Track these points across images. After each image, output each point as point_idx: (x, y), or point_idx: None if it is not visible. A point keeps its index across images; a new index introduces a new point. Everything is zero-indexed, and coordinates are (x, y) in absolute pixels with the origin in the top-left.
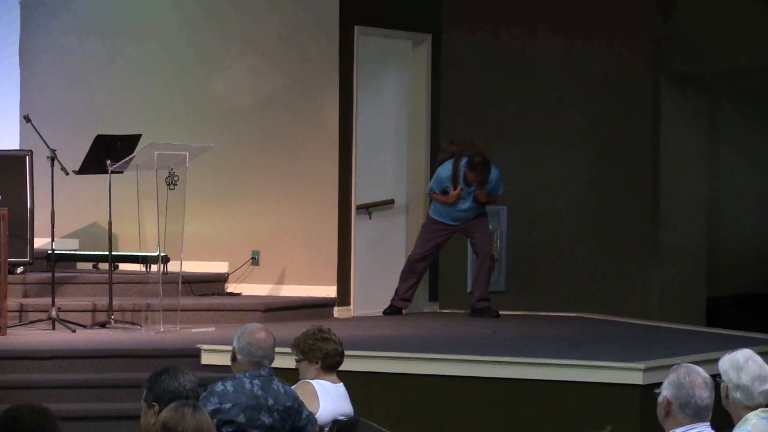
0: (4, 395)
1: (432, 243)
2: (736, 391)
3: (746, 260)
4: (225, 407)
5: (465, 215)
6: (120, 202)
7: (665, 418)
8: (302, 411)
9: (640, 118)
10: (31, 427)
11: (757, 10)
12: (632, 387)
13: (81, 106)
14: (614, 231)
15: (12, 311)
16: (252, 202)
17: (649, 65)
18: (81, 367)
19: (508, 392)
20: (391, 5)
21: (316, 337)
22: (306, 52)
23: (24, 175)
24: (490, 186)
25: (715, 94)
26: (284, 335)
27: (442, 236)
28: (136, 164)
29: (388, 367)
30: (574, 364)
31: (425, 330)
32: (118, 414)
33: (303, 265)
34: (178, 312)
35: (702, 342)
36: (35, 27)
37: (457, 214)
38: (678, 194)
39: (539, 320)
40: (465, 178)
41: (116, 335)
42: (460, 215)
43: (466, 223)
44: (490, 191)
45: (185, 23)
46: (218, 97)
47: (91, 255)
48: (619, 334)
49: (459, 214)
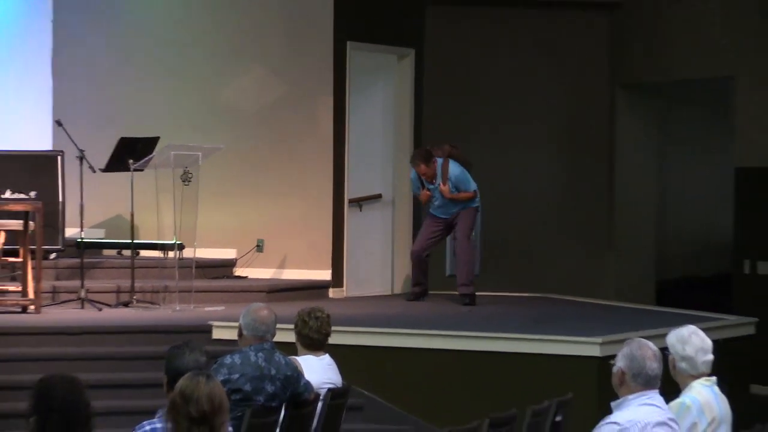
0: (39, 366)
1: (428, 235)
2: (682, 362)
3: (691, 247)
4: (233, 377)
5: (447, 209)
6: (141, 196)
7: (619, 386)
8: (300, 379)
9: (597, 124)
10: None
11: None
12: (590, 359)
13: (106, 111)
14: (575, 222)
15: (46, 292)
16: (257, 196)
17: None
18: (107, 342)
19: (480, 363)
20: (379, 23)
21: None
22: (304, 64)
23: (56, 172)
24: (452, 182)
25: (664, 102)
26: (285, 313)
27: (437, 228)
28: (155, 163)
29: (374, 340)
30: (539, 339)
31: (407, 309)
32: (140, 382)
33: (302, 251)
34: (192, 293)
35: (652, 319)
36: (65, 42)
37: (437, 209)
38: (631, 189)
39: (509, 300)
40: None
41: (138, 313)
42: (443, 209)
43: (454, 215)
44: (455, 187)
45: (199, 39)
46: (228, 104)
47: (115, 243)
48: (579, 312)
49: (439, 209)
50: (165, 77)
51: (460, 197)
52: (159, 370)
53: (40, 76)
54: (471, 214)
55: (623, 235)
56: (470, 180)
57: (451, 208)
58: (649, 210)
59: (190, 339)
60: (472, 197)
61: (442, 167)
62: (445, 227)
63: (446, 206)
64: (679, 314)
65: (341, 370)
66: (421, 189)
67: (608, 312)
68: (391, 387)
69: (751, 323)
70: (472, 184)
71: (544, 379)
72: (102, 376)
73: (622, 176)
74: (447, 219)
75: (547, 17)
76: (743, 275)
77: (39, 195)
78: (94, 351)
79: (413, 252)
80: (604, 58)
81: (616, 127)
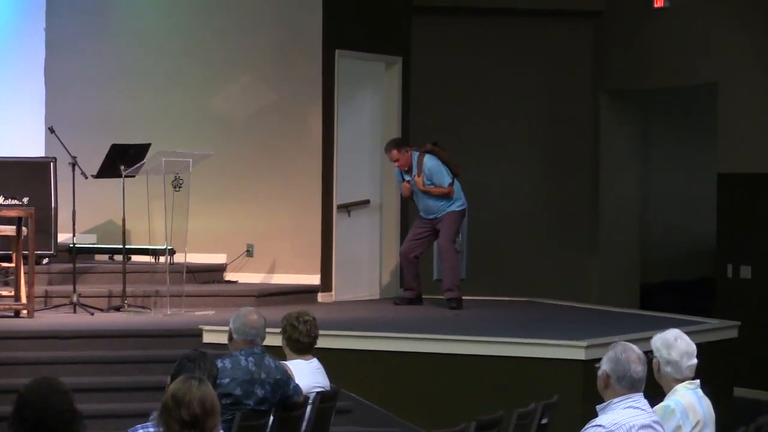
0: (32, 369)
1: (413, 237)
2: (667, 365)
3: (674, 252)
4: (224, 382)
5: (427, 207)
6: (132, 202)
7: (604, 389)
8: (290, 383)
9: (582, 130)
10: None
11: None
12: (576, 362)
13: (98, 118)
14: (560, 228)
15: (38, 297)
16: (247, 202)
17: (590, 84)
18: (99, 346)
19: (467, 367)
20: (367, 32)
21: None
22: (293, 72)
23: (49, 178)
24: (426, 174)
25: (647, 109)
26: (275, 317)
27: (423, 229)
28: (147, 169)
29: (362, 344)
30: (525, 342)
31: (395, 313)
32: (131, 386)
33: (291, 256)
34: (182, 297)
35: (636, 323)
36: (58, 49)
37: (420, 206)
38: (615, 196)
39: (495, 304)
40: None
41: (129, 317)
42: (423, 207)
43: (436, 218)
44: (428, 179)
45: (191, 47)
46: (218, 111)
47: (107, 248)
48: (564, 316)
49: (421, 205)
50: (156, 85)
51: (432, 191)
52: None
53: (33, 83)
54: (454, 219)
55: (607, 239)
56: (445, 174)
57: (430, 206)
58: (633, 215)
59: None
60: (447, 193)
61: (418, 159)
62: (432, 230)
63: (424, 202)
64: (663, 318)
65: (329, 373)
66: (402, 182)
67: (593, 316)
68: (379, 390)
69: (734, 326)
70: (447, 179)
71: (530, 382)
72: (93, 379)
73: (606, 182)
74: (432, 221)
75: (532, 26)
76: (726, 279)
77: (31, 201)
78: (86, 355)
79: (400, 253)
80: (587, 65)
81: (600, 133)
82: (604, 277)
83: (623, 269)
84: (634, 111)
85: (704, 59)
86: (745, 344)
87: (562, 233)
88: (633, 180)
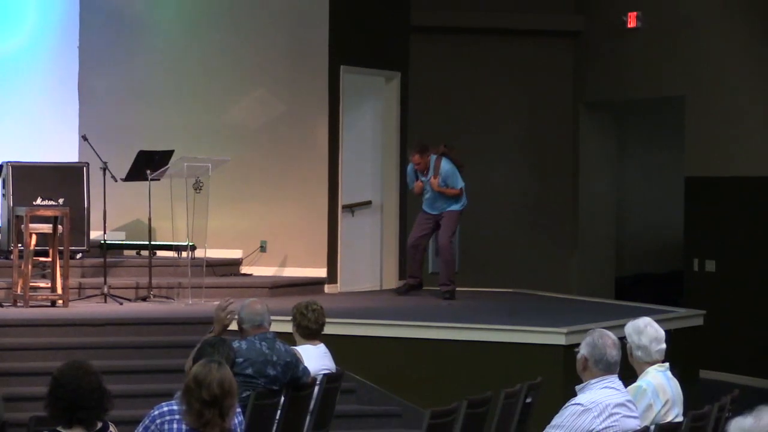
0: (67, 354)
1: (418, 231)
2: (638, 350)
3: (647, 248)
4: (238, 361)
5: (434, 204)
6: (157, 203)
7: (583, 371)
8: (299, 365)
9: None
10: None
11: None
12: (557, 347)
13: (126, 127)
14: (543, 225)
15: (73, 288)
16: (260, 202)
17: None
18: (126, 332)
19: (459, 351)
20: (369, 49)
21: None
22: (302, 86)
23: (82, 181)
24: (442, 177)
25: (621, 119)
26: (286, 307)
27: (427, 223)
28: (170, 173)
29: (365, 331)
30: (512, 329)
31: (395, 302)
32: (156, 369)
33: (300, 251)
34: (202, 288)
35: (611, 312)
36: (90, 66)
37: (427, 202)
38: (593, 197)
39: (485, 295)
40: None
41: (155, 307)
42: (430, 203)
43: (439, 214)
44: (443, 181)
45: (210, 64)
46: (234, 122)
47: (134, 244)
48: (547, 306)
49: (428, 202)
50: (179, 98)
51: (446, 192)
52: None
53: (68, 95)
54: (454, 217)
55: (586, 237)
56: (459, 178)
57: (438, 203)
58: (609, 215)
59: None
60: (458, 194)
61: (435, 162)
62: (435, 224)
63: (434, 200)
64: (636, 307)
65: (335, 357)
66: (416, 181)
67: (573, 305)
68: (380, 372)
69: (699, 315)
70: (460, 182)
71: (516, 365)
72: (122, 362)
73: (584, 185)
74: (435, 216)
75: (517, 44)
76: (693, 272)
77: (67, 201)
78: (115, 340)
79: (409, 244)
80: (567, 80)
81: (579, 141)
82: (583, 270)
83: (600, 263)
84: (610, 121)
85: (672, 74)
86: (710, 331)
87: (545, 231)
88: (609, 183)
